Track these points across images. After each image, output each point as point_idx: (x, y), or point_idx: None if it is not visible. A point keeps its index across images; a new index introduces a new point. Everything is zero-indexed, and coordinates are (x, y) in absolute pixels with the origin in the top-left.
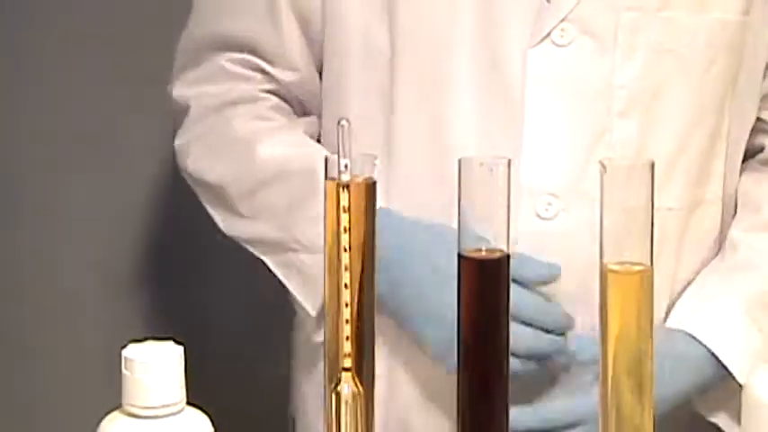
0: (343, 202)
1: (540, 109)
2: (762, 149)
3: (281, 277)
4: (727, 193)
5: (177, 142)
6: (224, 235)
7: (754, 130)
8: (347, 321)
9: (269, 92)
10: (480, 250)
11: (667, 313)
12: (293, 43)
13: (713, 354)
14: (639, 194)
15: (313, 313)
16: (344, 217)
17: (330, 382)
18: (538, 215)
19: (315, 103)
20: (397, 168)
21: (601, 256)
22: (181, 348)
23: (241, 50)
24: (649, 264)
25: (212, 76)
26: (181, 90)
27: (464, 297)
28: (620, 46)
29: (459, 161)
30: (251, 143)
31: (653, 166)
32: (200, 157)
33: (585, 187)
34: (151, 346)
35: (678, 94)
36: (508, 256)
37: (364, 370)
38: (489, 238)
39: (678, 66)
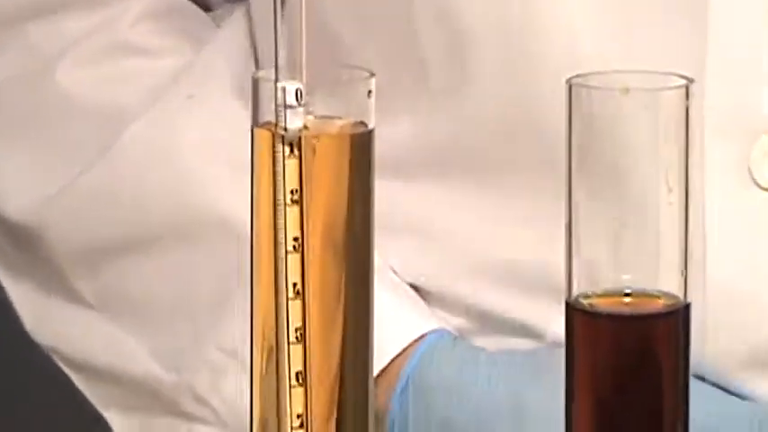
0: (290, 183)
1: None
2: None
3: None
4: None
5: None
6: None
7: None
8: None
9: None
10: (622, 294)
11: None
12: None
13: None
14: None
15: None
16: (292, 213)
17: None
18: (754, 181)
19: None
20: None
21: None
22: None
23: None
24: None
25: None
26: None
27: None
28: None
29: (570, 86)
30: (109, 127)
31: None
32: None
33: None
34: None
35: None
36: (687, 308)
37: None
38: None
39: None
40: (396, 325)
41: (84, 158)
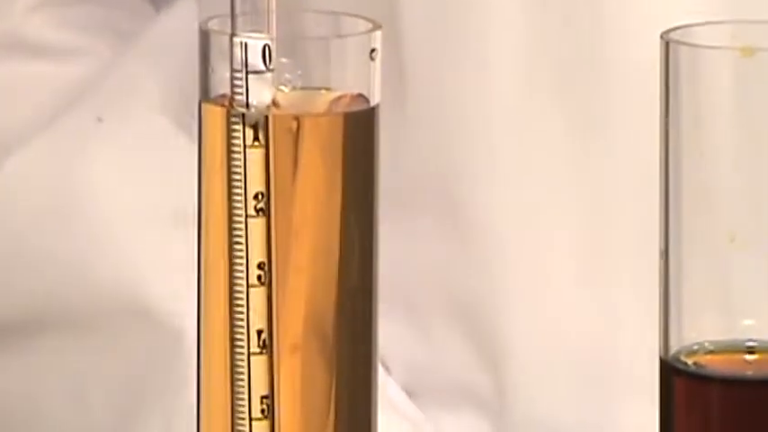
0: (253, 183)
1: None
2: None
3: None
4: None
5: None
6: None
7: None
8: None
9: None
10: (743, 350)
11: None
12: None
13: None
14: None
15: None
16: (256, 228)
17: None
18: None
19: None
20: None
21: None
22: None
23: None
24: None
25: None
26: None
27: None
28: None
29: (667, 43)
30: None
31: None
32: None
33: None
34: None
35: None
36: None
37: None
38: None
39: None
40: None
41: None
